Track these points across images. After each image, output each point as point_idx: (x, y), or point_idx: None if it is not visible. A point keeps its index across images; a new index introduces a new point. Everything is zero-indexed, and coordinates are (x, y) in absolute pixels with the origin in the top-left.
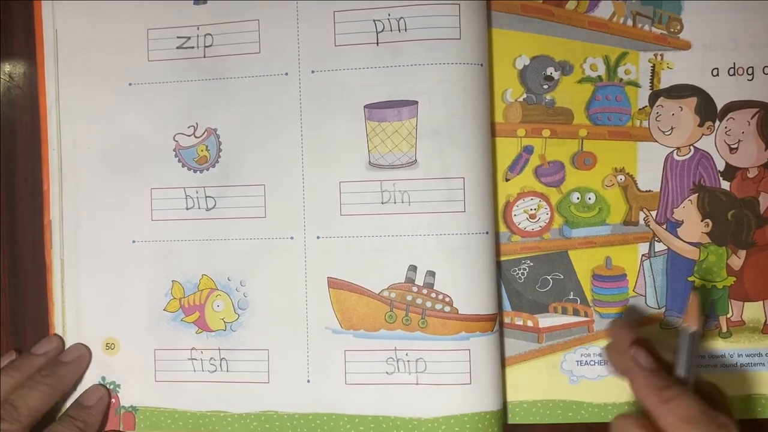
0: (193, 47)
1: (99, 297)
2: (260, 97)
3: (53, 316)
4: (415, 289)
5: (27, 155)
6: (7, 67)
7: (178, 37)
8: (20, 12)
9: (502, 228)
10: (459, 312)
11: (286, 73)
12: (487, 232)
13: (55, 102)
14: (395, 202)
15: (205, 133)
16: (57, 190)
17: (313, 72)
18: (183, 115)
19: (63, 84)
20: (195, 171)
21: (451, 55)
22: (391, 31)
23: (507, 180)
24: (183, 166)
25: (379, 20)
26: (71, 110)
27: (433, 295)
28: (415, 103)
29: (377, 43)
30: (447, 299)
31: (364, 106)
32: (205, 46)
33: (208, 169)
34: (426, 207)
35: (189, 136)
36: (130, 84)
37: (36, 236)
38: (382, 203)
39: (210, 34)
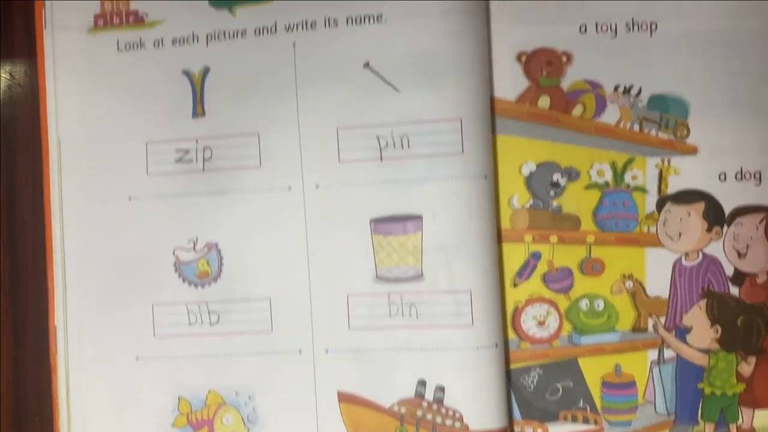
0: (192, 160)
1: (105, 411)
2: (262, 211)
3: (59, 420)
4: (425, 404)
5: (27, 153)
6: (7, 66)
7: (176, 150)
8: (20, 9)
9: (511, 335)
10: (470, 428)
11: (290, 188)
12: (496, 345)
13: (58, 197)
14: (403, 315)
15: (206, 247)
16: (61, 294)
17: (317, 187)
18: (182, 229)
19: (66, 191)
20: (196, 286)
21: (455, 169)
22: (395, 147)
23: (515, 286)
24: (184, 281)
25: (382, 136)
26: (73, 222)
27: (443, 410)
28: (420, 217)
29: (381, 159)
30: (457, 415)
31: (370, 220)
32: (204, 160)
33: (209, 284)
34: (433, 320)
35: (189, 251)
36: (129, 198)
37: (36, 235)
38: (390, 316)
39: (209, 148)
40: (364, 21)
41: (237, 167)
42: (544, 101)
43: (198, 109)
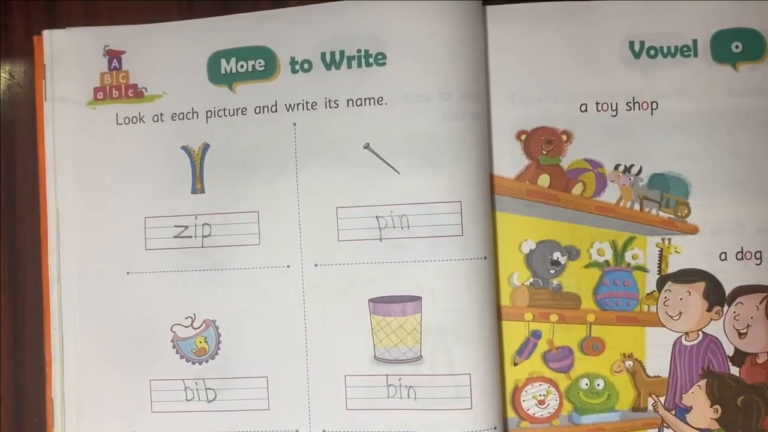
0: (190, 236)
1: None
2: (261, 288)
3: None
4: None
5: (27, 155)
6: (7, 66)
7: (175, 226)
8: (20, 9)
9: (511, 414)
10: None
11: (288, 266)
12: (495, 428)
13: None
14: (401, 398)
15: (204, 324)
16: (59, 369)
17: (316, 265)
18: (180, 305)
19: (64, 263)
20: (194, 363)
21: (454, 251)
22: (394, 227)
23: (515, 364)
24: (181, 357)
25: (381, 217)
26: (71, 295)
27: None
28: (419, 298)
29: (380, 239)
30: None
31: (369, 300)
32: (203, 236)
33: (207, 361)
34: (432, 404)
35: (186, 327)
36: (127, 273)
37: (36, 236)
38: (388, 398)
39: (208, 224)
40: (365, 103)
41: (236, 244)
42: (543, 180)
43: (197, 185)
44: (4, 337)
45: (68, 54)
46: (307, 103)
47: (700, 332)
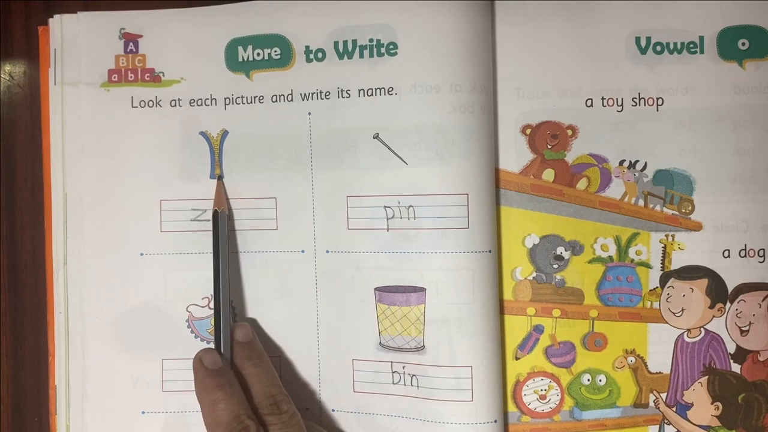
0: (209, 220)
1: None
2: (277, 271)
3: None
4: None
5: (27, 155)
6: (7, 67)
7: (192, 210)
8: (20, 9)
9: (512, 408)
10: None
11: (303, 251)
12: (495, 421)
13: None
14: (405, 385)
15: None
16: (63, 354)
17: (327, 252)
18: (196, 285)
19: (72, 247)
20: (209, 342)
21: (460, 243)
22: (401, 218)
23: (517, 359)
24: (196, 337)
25: (389, 207)
26: (79, 277)
27: None
28: (423, 290)
29: (387, 229)
30: None
31: (375, 289)
32: None
33: None
34: (434, 393)
35: (203, 307)
36: (141, 254)
37: (36, 236)
38: (393, 384)
39: (227, 208)
40: (376, 93)
41: (255, 228)
42: (548, 174)
43: (216, 170)
44: (4, 337)
45: (80, 38)
46: (320, 92)
47: (702, 329)
